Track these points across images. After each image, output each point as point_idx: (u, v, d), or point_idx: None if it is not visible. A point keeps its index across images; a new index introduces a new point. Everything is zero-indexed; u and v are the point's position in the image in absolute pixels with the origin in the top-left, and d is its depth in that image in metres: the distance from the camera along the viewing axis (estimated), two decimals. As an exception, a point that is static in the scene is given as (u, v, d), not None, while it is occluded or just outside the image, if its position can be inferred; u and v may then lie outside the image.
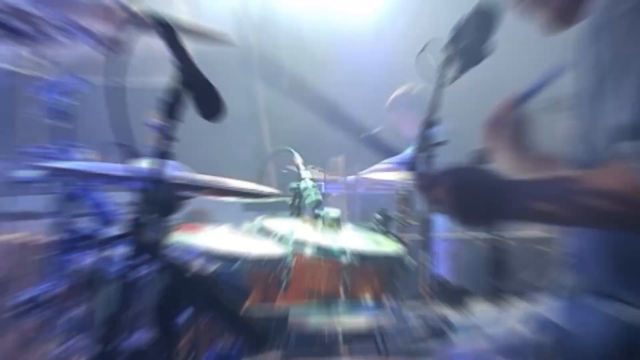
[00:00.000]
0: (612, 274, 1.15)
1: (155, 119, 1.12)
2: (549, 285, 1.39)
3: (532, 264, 2.64)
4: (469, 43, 1.61)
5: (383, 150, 1.57)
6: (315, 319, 1.50)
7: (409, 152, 1.71)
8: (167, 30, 1.13)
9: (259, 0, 4.80)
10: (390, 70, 4.14)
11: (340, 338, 1.41)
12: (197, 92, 1.06)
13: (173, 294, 1.05)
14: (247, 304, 1.54)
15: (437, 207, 1.17)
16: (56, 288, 1.45)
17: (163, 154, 1.07)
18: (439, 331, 1.39)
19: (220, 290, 1.13)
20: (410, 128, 3.45)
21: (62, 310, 1.42)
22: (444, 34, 1.54)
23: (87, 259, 1.41)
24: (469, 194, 1.12)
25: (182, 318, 1.11)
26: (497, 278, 1.76)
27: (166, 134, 1.07)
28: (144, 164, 1.15)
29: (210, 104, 1.09)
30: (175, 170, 1.37)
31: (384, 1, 5.00)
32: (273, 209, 2.15)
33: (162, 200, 1.08)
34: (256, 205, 2.76)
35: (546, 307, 1.27)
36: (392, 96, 3.87)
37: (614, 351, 1.10)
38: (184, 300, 1.11)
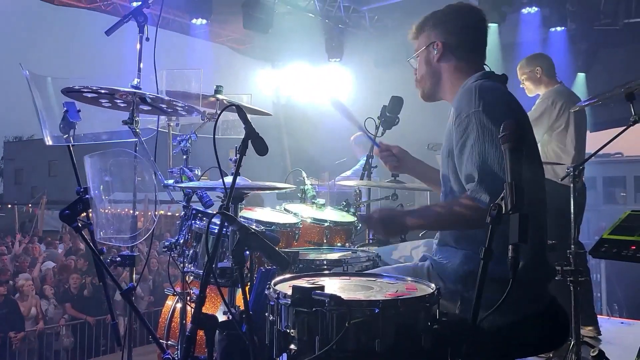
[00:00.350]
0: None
1: (233, 155, 2.55)
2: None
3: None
4: (388, 116, 3.19)
5: None
6: (312, 254, 2.94)
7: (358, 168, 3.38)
8: (239, 109, 2.45)
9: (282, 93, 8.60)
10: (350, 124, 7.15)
11: (325, 264, 2.80)
12: (254, 140, 2.25)
13: (243, 241, 1.84)
14: (278, 246, 3.00)
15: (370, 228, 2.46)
16: (182, 238, 2.86)
17: (237, 173, 2.45)
18: (372, 259, 2.82)
19: (266, 239, 2.08)
20: (360, 154, 6.08)
21: (185, 250, 2.83)
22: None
23: (197, 223, 2.81)
24: (387, 220, 2.13)
25: (246, 253, 2.49)
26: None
27: (239, 163, 2.45)
28: (227, 179, 2.56)
29: (260, 146, 2.07)
30: (242, 181, 2.79)
31: (346, 90, 9.16)
32: (290, 199, 3.71)
33: (235, 195, 2.49)
34: (281, 195, 4.46)
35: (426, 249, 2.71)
36: (351, 138, 6.28)
37: (459, 272, 2.03)
38: (248, 244, 1.86)
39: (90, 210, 2.26)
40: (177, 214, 2.53)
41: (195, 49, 10.30)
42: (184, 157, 3.02)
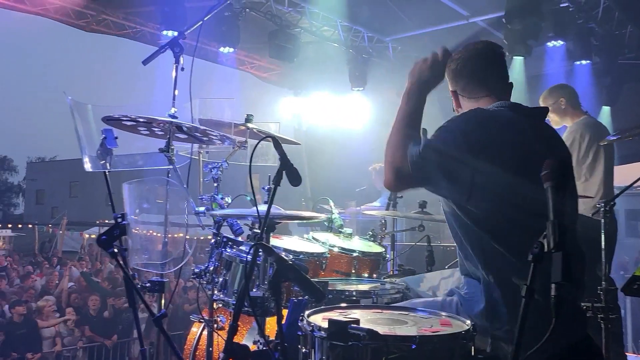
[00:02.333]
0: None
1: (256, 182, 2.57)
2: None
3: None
4: None
5: None
6: (341, 285, 2.94)
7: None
8: (274, 141, 2.47)
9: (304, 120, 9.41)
10: (370, 153, 6.89)
11: (354, 295, 2.78)
12: (288, 170, 2.31)
13: (280, 272, 1.87)
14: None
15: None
16: (211, 265, 2.88)
17: (271, 202, 2.47)
18: (402, 292, 2.80)
19: (297, 268, 2.49)
20: (379, 185, 6.04)
21: (214, 277, 2.85)
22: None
23: (228, 251, 2.84)
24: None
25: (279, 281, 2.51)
26: (430, 264, 3.27)
27: (273, 193, 2.47)
28: (259, 207, 2.58)
29: (294, 176, 2.16)
30: (274, 210, 2.81)
31: (367, 119, 9.49)
32: (317, 227, 3.73)
33: (266, 224, 2.51)
34: (308, 224, 4.50)
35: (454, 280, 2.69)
36: (370, 168, 6.32)
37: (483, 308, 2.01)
38: (284, 275, 1.88)
39: (126, 236, 2.30)
40: (202, 238, 2.57)
41: (221, 76, 10.48)
42: (215, 184, 3.06)
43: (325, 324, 1.74)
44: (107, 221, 26.79)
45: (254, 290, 2.67)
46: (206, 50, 9.29)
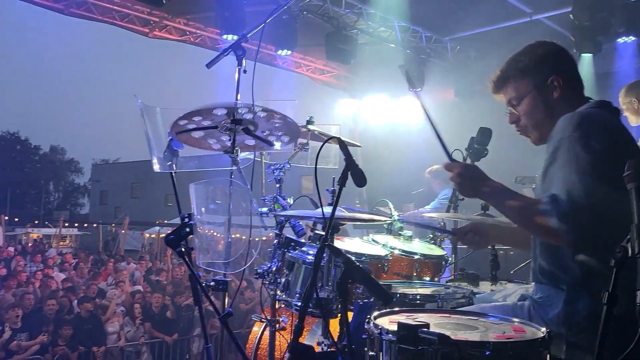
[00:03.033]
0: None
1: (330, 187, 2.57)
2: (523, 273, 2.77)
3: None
4: (476, 148, 3.16)
5: None
6: (403, 288, 2.90)
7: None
8: (340, 142, 2.48)
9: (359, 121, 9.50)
10: (427, 155, 7.25)
11: (418, 298, 2.73)
12: (354, 172, 2.24)
13: (347, 274, 1.88)
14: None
15: (452, 175, 2.16)
16: (274, 266, 2.90)
17: (336, 203, 2.45)
18: (467, 296, 2.73)
19: (364, 270, 2.43)
20: (437, 187, 6.17)
21: (277, 277, 2.87)
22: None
23: (291, 252, 2.85)
24: (466, 176, 2.13)
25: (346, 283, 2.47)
26: (494, 269, 3.17)
27: (338, 194, 2.45)
28: (322, 209, 2.57)
29: (359, 178, 2.08)
30: (338, 211, 2.80)
31: (424, 121, 9.42)
32: (372, 229, 3.70)
33: (331, 226, 2.50)
34: (364, 227, 4.48)
35: (524, 286, 2.61)
36: (427, 172, 6.33)
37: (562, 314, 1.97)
38: (352, 277, 1.89)
39: (193, 235, 2.34)
40: (264, 238, 2.61)
41: (278, 79, 10.60)
42: (277, 185, 3.08)
43: (393, 327, 1.71)
44: (166, 221, 27.65)
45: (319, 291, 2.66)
46: (263, 54, 9.43)
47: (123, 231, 23.64)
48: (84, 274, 11.61)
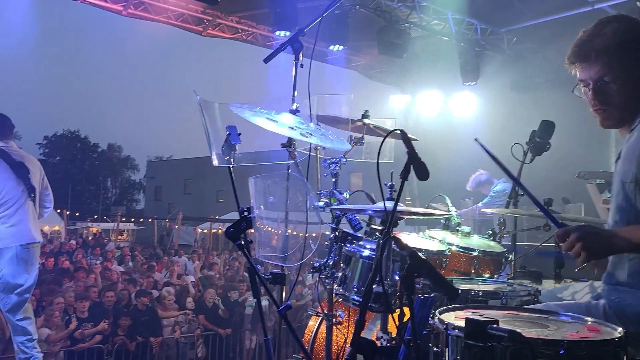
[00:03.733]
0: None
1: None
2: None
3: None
4: (538, 142, 3.04)
5: None
6: (464, 284, 2.83)
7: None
8: (403, 134, 2.43)
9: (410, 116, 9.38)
10: (481, 152, 7.28)
11: (481, 295, 2.65)
12: (416, 165, 1.97)
13: (413, 267, 1.78)
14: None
15: (569, 251, 1.82)
16: (331, 260, 2.89)
17: (398, 197, 2.40)
18: (533, 294, 2.63)
19: (431, 264, 1.92)
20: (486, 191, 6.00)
21: (334, 272, 2.86)
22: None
23: (348, 246, 2.83)
24: (591, 239, 1.80)
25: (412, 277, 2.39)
26: (558, 267, 3.05)
27: (401, 188, 2.41)
28: (384, 202, 2.53)
29: (422, 171, 2.00)
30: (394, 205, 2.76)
31: (478, 115, 9.02)
32: (418, 224, 3.65)
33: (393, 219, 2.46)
34: (410, 221, 4.43)
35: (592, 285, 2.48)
36: (471, 178, 6.32)
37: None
38: (417, 271, 1.78)
39: (252, 229, 2.36)
40: (320, 233, 2.60)
41: (329, 75, 10.60)
42: (333, 180, 3.06)
43: (460, 323, 1.67)
44: (217, 217, 28.22)
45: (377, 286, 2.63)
46: (315, 50, 9.44)
47: (177, 226, 24.24)
48: (140, 267, 11.97)
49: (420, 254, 2.89)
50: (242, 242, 2.38)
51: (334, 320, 2.91)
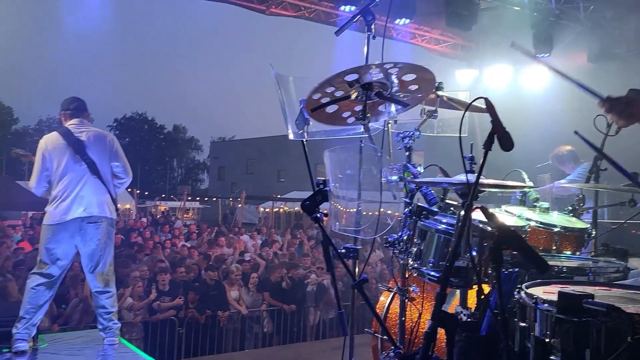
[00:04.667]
0: None
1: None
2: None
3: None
4: None
5: None
6: (547, 260, 2.71)
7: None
8: (487, 102, 2.27)
9: (478, 91, 9.75)
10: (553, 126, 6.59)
11: (564, 271, 2.55)
12: (501, 135, 2.03)
13: (502, 240, 1.70)
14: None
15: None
16: (405, 235, 2.86)
17: (481, 169, 2.30)
18: (622, 270, 2.50)
19: (521, 237, 2.13)
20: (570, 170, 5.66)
21: (408, 246, 2.83)
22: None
23: (423, 220, 2.78)
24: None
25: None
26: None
27: (484, 159, 2.28)
28: (466, 175, 2.46)
29: (506, 142, 1.93)
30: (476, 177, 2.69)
31: (551, 89, 8.34)
32: (504, 201, 3.54)
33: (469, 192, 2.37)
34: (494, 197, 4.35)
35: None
36: (551, 154, 5.91)
37: None
38: (507, 244, 1.71)
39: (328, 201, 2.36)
40: (396, 213, 2.56)
41: (394, 51, 10.40)
42: (407, 153, 3.01)
43: (551, 297, 1.60)
44: (279, 196, 28.66)
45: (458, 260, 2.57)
46: (377, 25, 9.28)
47: (240, 205, 24.80)
48: (207, 244, 12.33)
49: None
50: (318, 215, 2.39)
51: (408, 295, 2.89)
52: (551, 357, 1.58)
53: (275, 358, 7.60)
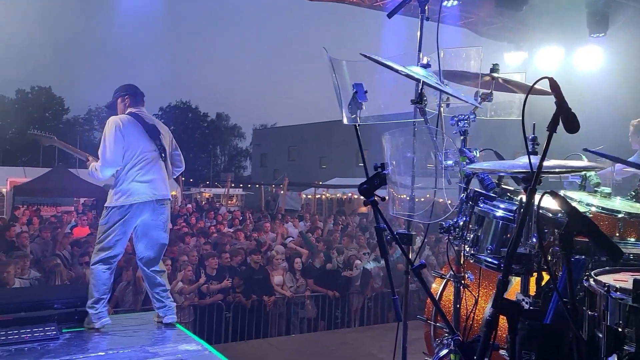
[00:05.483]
0: None
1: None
2: None
3: None
4: None
5: None
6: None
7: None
8: (552, 82, 2.13)
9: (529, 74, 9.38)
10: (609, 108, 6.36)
11: (632, 259, 2.45)
12: (566, 117, 1.89)
13: (573, 225, 1.67)
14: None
15: None
16: (461, 220, 2.81)
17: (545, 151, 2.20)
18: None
19: (593, 222, 1.85)
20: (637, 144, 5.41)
21: (464, 232, 2.78)
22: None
23: (480, 206, 2.72)
24: None
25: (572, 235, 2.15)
26: None
27: (548, 141, 2.17)
28: (529, 158, 2.36)
29: (571, 123, 1.89)
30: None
31: (606, 71, 8.49)
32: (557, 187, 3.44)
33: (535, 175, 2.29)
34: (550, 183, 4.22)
35: None
36: (633, 122, 5.58)
37: None
38: (578, 229, 1.68)
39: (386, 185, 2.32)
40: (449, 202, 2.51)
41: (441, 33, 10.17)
42: (462, 137, 2.94)
43: (623, 285, 1.54)
44: (321, 182, 28.72)
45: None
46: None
47: (282, 192, 24.97)
48: (251, 229, 12.49)
49: (557, 215, 2.73)
50: (375, 199, 2.36)
51: (463, 282, 2.84)
52: (624, 347, 1.52)
53: (322, 343, 7.65)
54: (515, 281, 2.61)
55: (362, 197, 2.33)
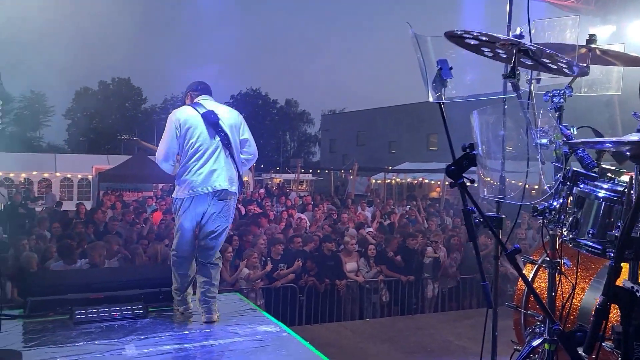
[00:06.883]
0: None
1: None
2: None
3: None
4: None
5: None
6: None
7: None
8: None
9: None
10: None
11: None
12: None
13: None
14: None
15: None
16: (557, 203, 2.63)
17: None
18: None
19: None
20: None
21: (561, 216, 2.60)
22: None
23: (580, 186, 2.52)
24: None
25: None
26: None
27: None
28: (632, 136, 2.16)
29: None
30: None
31: None
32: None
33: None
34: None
35: None
36: None
37: None
38: None
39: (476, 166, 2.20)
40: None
41: (515, 8, 9.70)
42: (557, 114, 2.73)
43: None
44: (390, 167, 28.42)
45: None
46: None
47: (352, 177, 24.92)
48: (320, 215, 12.53)
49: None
50: (463, 181, 2.24)
51: (559, 268, 2.66)
52: None
53: (396, 328, 7.58)
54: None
55: (432, 181, 2.22)
